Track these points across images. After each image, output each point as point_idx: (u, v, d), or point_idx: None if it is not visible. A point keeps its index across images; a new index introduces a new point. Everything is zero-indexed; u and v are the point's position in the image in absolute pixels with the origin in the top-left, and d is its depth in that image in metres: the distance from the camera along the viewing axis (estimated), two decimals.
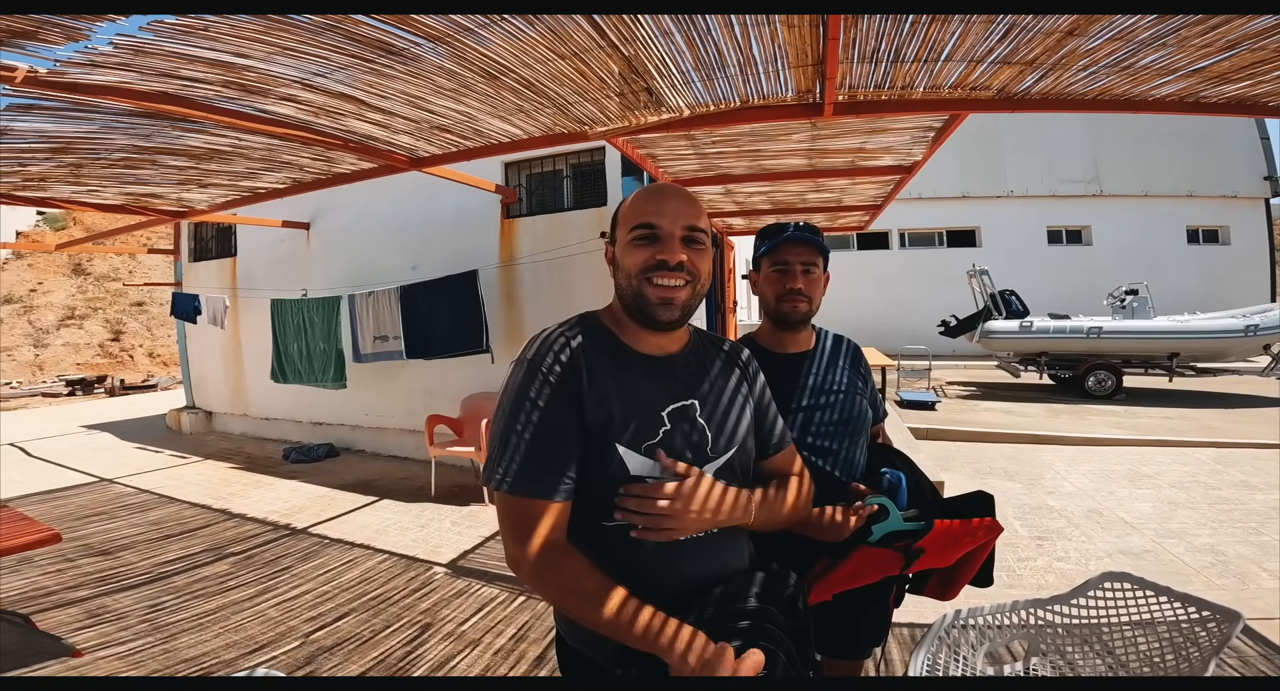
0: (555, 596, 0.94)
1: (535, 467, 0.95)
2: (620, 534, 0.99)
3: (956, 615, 1.65)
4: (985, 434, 6.84)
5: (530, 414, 0.97)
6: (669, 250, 1.00)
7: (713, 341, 1.20)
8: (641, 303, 1.02)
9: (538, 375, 0.98)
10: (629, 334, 1.07)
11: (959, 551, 1.43)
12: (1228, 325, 9.23)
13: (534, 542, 0.92)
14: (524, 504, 0.95)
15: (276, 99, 2.50)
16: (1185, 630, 1.43)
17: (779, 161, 3.80)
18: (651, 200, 1.03)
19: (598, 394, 0.99)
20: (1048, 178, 16.35)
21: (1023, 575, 3.24)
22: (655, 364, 1.06)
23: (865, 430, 1.57)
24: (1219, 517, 4.08)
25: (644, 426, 1.00)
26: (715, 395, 1.09)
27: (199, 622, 2.99)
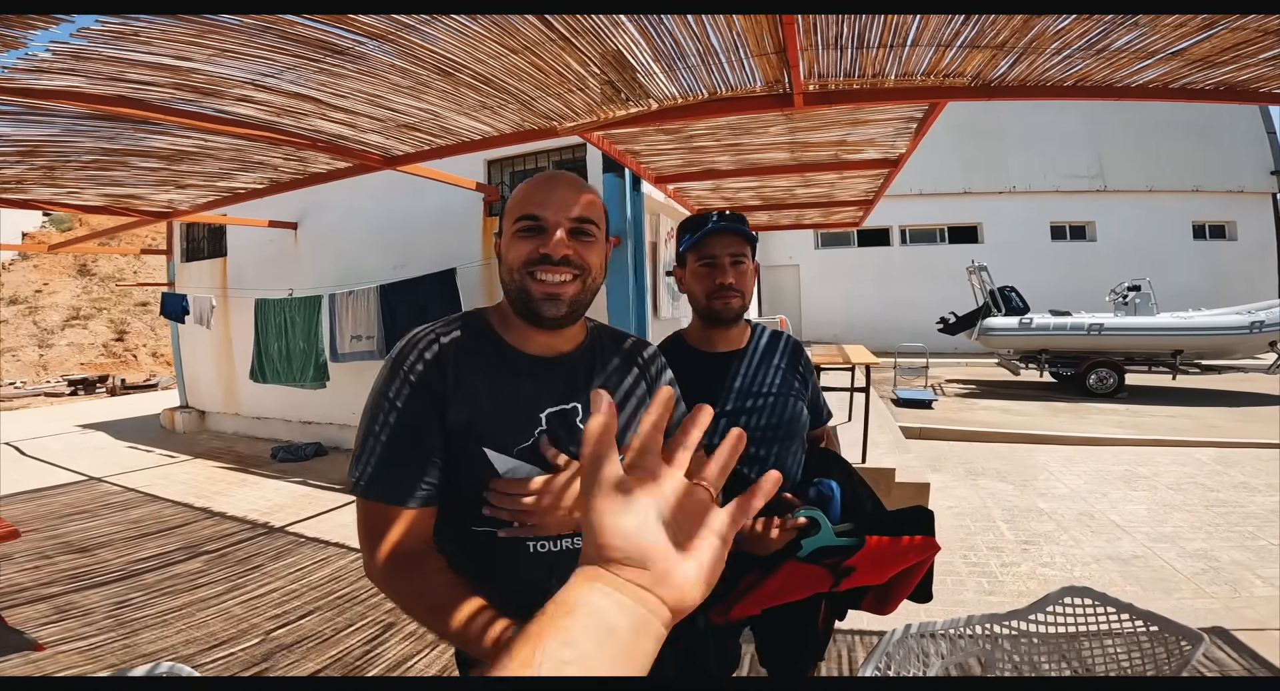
0: (404, 604, 0.88)
1: (390, 471, 0.90)
2: (490, 540, 0.94)
3: (907, 629, 1.56)
4: (980, 433, 6.73)
5: (388, 416, 0.92)
6: (553, 243, 0.93)
7: (615, 339, 1.14)
8: (526, 299, 0.96)
9: (399, 375, 0.94)
10: (514, 332, 1.01)
11: (892, 570, 1.36)
12: (1232, 321, 9.04)
13: (383, 549, 0.88)
14: (377, 509, 0.90)
15: (233, 100, 2.46)
16: (1145, 649, 1.34)
17: (762, 155, 3.76)
18: (538, 190, 0.96)
19: (464, 394, 0.94)
20: (1050, 173, 16.14)
21: (1004, 581, 3.14)
22: (539, 364, 1.00)
23: (800, 434, 1.49)
24: (1215, 521, 3.97)
25: (516, 429, 0.95)
26: None
27: (163, 619, 3.00)
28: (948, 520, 4.08)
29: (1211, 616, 2.77)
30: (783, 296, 17.12)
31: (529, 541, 0.95)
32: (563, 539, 0.96)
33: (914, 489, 4.19)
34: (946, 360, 13.19)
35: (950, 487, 4.79)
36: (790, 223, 6.25)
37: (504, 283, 0.99)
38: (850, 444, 4.93)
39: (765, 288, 16.93)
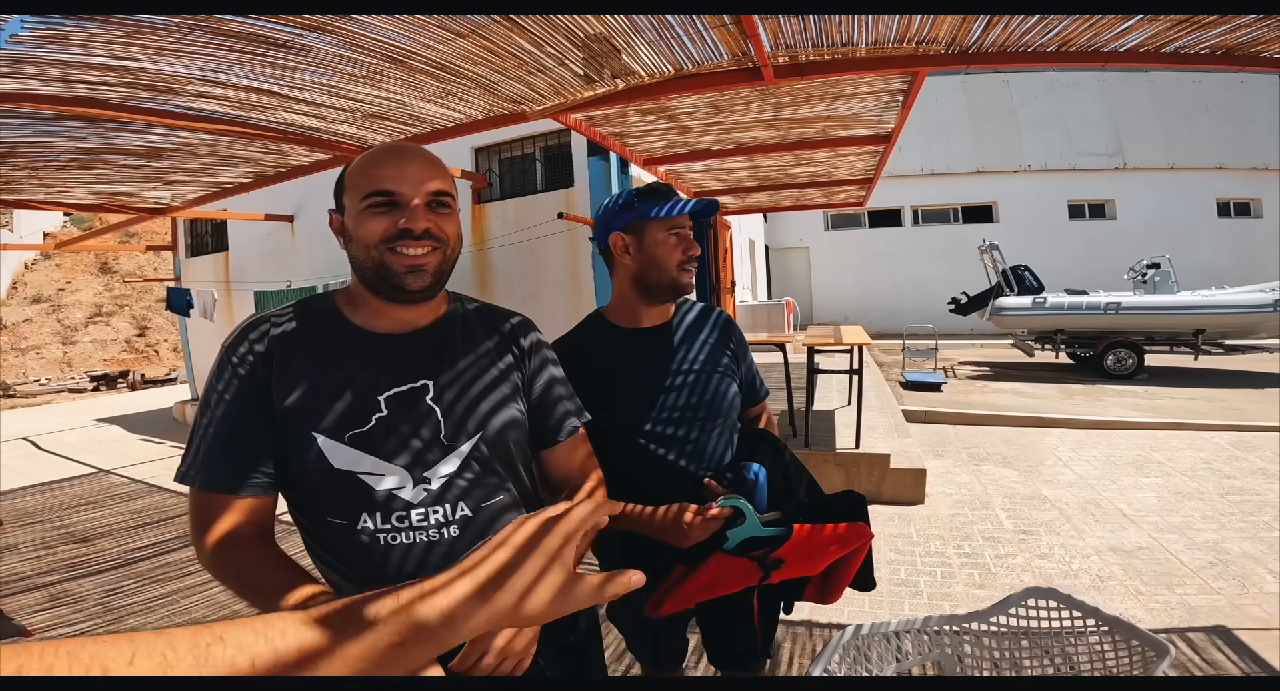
0: (233, 587, 0.86)
1: (216, 462, 0.89)
2: (347, 532, 0.92)
3: (858, 630, 1.47)
4: (987, 416, 6.53)
5: (216, 407, 0.90)
6: (412, 218, 0.90)
7: (485, 316, 1.07)
8: (386, 274, 0.91)
9: (228, 365, 0.92)
10: (364, 311, 0.97)
11: (825, 560, 1.27)
12: (1256, 299, 8.69)
13: (211, 536, 0.87)
14: (205, 499, 0.89)
15: (192, 96, 2.45)
16: (1110, 660, 1.25)
17: (748, 134, 3.71)
18: (386, 164, 0.91)
19: (290, 378, 0.91)
20: (1067, 151, 15.84)
21: (997, 574, 3.01)
22: (386, 343, 0.96)
23: (728, 413, 1.40)
24: (1229, 510, 3.76)
25: (350, 413, 0.91)
26: (463, 377, 0.98)
27: (148, 606, 3.05)
28: (945, 508, 3.96)
29: (1216, 614, 2.62)
30: (792, 279, 17.02)
31: (380, 533, 0.92)
32: (417, 532, 0.92)
33: (910, 475, 4.08)
34: (961, 342, 12.92)
35: (951, 474, 4.65)
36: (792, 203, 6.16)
37: (357, 259, 0.93)
38: (845, 426, 4.83)
39: (775, 270, 16.89)
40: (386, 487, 0.91)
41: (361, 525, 0.91)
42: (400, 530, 0.92)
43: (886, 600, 2.79)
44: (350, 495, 0.91)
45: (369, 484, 0.91)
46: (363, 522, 0.91)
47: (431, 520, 0.93)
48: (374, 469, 0.91)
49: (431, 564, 0.92)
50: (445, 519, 0.93)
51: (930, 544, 3.41)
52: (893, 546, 3.39)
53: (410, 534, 0.92)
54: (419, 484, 0.92)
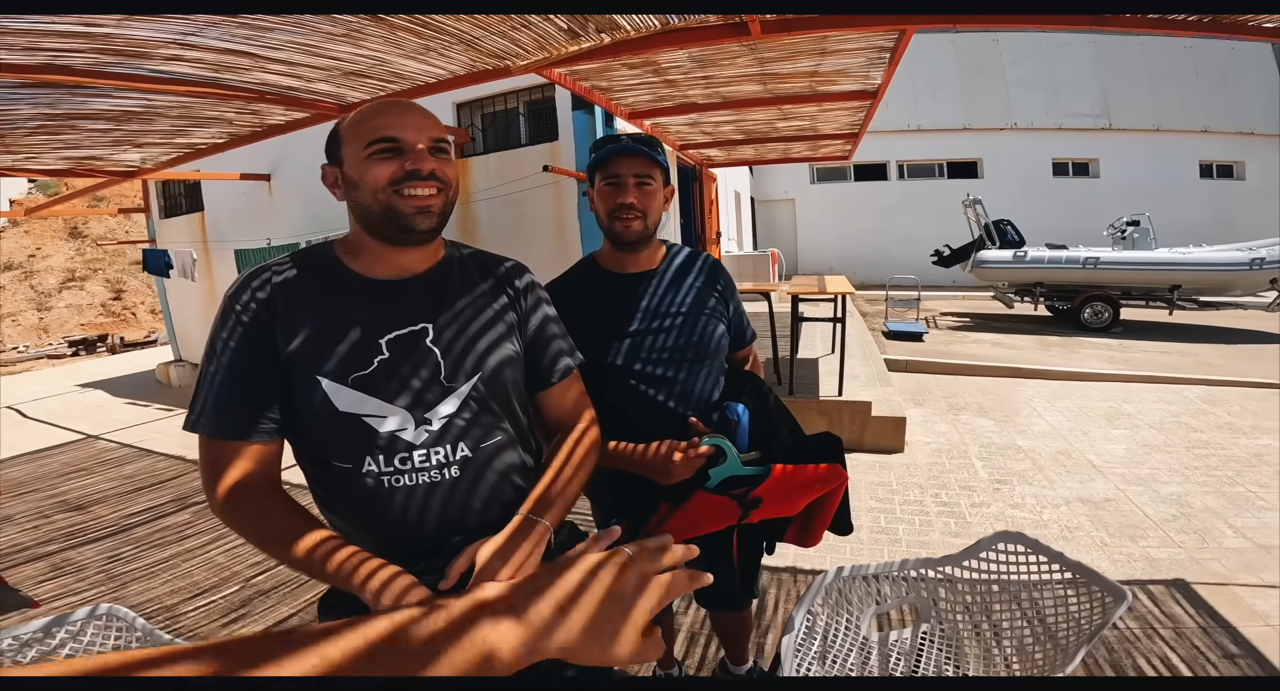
0: (247, 536, 0.91)
1: (224, 409, 0.92)
2: (352, 476, 0.95)
3: (839, 572, 1.56)
4: (966, 366, 6.66)
5: (222, 355, 0.94)
6: (418, 160, 0.94)
7: (480, 261, 1.12)
8: (394, 216, 0.95)
9: (231, 313, 0.95)
10: (365, 258, 1.01)
11: (802, 500, 1.33)
12: (1232, 258, 8.85)
13: (223, 484, 0.90)
14: (215, 446, 0.93)
15: (163, 60, 2.40)
16: (1071, 604, 1.34)
17: (735, 88, 3.68)
18: (388, 114, 0.95)
19: (294, 324, 0.95)
20: (1054, 111, 16.02)
21: (972, 523, 3.14)
22: (385, 288, 1.00)
23: (714, 355, 1.44)
24: (1194, 463, 3.89)
25: (353, 356, 0.94)
26: (460, 318, 1.02)
27: (150, 571, 3.08)
28: (923, 457, 4.08)
29: (1176, 567, 2.71)
30: (777, 230, 17.13)
31: (384, 476, 0.95)
32: (419, 473, 0.96)
33: (891, 423, 4.19)
34: (943, 293, 13.08)
35: (930, 422, 4.78)
36: (777, 157, 6.14)
37: (362, 206, 0.96)
38: (829, 374, 4.93)
39: (760, 222, 16.95)
40: (389, 429, 0.94)
41: (366, 468, 0.95)
42: (403, 472, 0.95)
43: (867, 547, 2.91)
44: (354, 438, 0.94)
45: (372, 426, 0.94)
46: (367, 466, 0.94)
47: (433, 460, 0.96)
48: (377, 411, 0.94)
49: (433, 505, 0.96)
50: (446, 459, 0.97)
51: (909, 492, 3.53)
52: (873, 494, 3.51)
53: (413, 475, 0.96)
54: (420, 425, 0.95)
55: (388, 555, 0.88)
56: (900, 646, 1.58)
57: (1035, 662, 1.35)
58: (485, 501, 1.00)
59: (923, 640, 1.57)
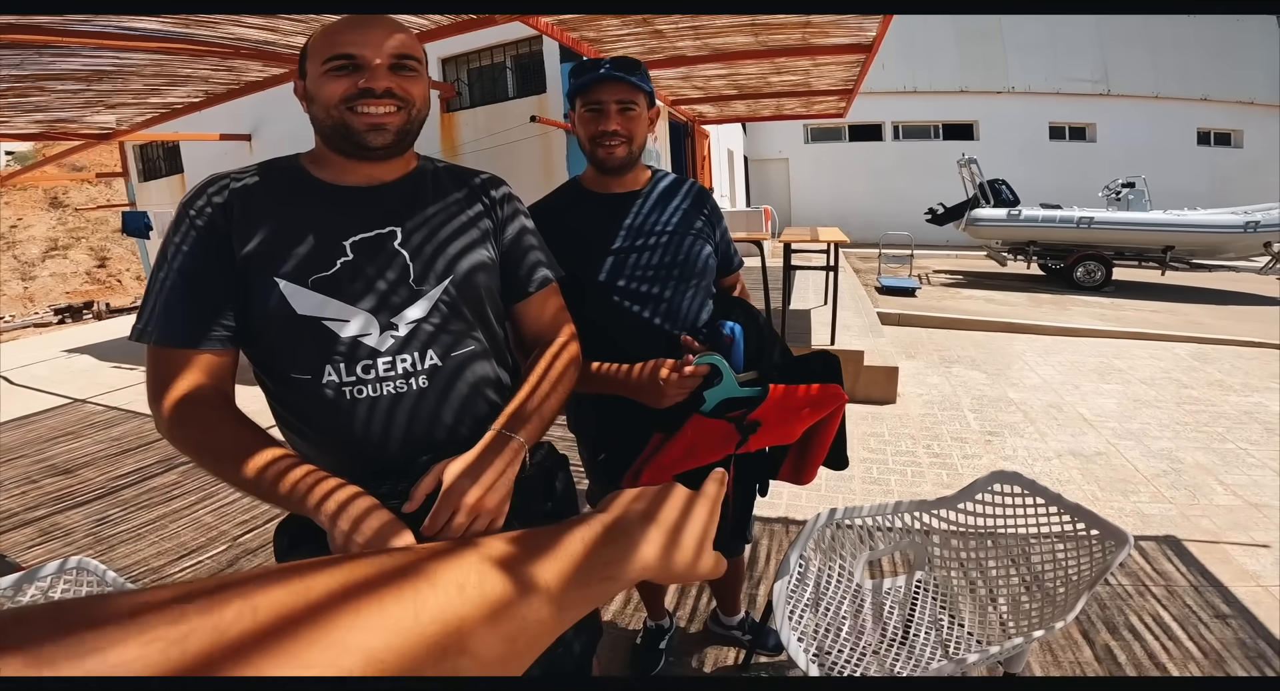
0: (190, 453, 0.85)
1: (174, 315, 0.87)
2: (311, 388, 0.90)
3: (832, 514, 1.54)
4: (958, 321, 6.65)
5: (173, 260, 0.88)
6: (372, 77, 0.90)
7: (454, 172, 1.08)
8: (347, 132, 0.92)
9: (185, 219, 0.90)
10: (330, 168, 0.97)
11: (800, 424, 1.30)
12: (1226, 220, 8.86)
13: (170, 396, 0.84)
14: (164, 354, 0.87)
15: (133, 15, 2.33)
16: (1070, 548, 1.32)
17: (726, 39, 3.57)
18: (349, 29, 0.90)
19: (251, 226, 0.90)
20: (1052, 75, 16.06)
21: (964, 474, 3.14)
22: (352, 194, 0.95)
23: (701, 276, 1.41)
24: (1185, 419, 3.89)
25: (314, 257, 0.90)
26: (431, 223, 0.98)
27: (137, 533, 3.06)
28: (916, 408, 4.08)
29: (1167, 523, 2.69)
30: (771, 189, 17.08)
31: (346, 387, 0.90)
32: (384, 383, 0.91)
33: (883, 373, 4.18)
34: (936, 252, 13.07)
35: (922, 374, 4.77)
36: (771, 113, 6.03)
37: (318, 120, 0.93)
38: (821, 325, 4.92)
39: (754, 180, 16.93)
40: (351, 334, 0.89)
41: (326, 378, 0.90)
42: (366, 382, 0.90)
43: (860, 498, 2.92)
44: (314, 344, 0.89)
45: (333, 330, 0.89)
46: (327, 375, 0.90)
47: (399, 369, 0.91)
48: (339, 314, 0.89)
49: (398, 419, 0.92)
50: (413, 368, 0.92)
51: (901, 443, 3.53)
52: (865, 445, 3.51)
53: (377, 386, 0.91)
54: (386, 330, 0.91)
55: (350, 475, 0.83)
56: (894, 594, 1.58)
57: (1031, 611, 1.34)
58: (456, 415, 0.95)
59: (918, 588, 1.56)
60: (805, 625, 1.47)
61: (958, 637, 1.47)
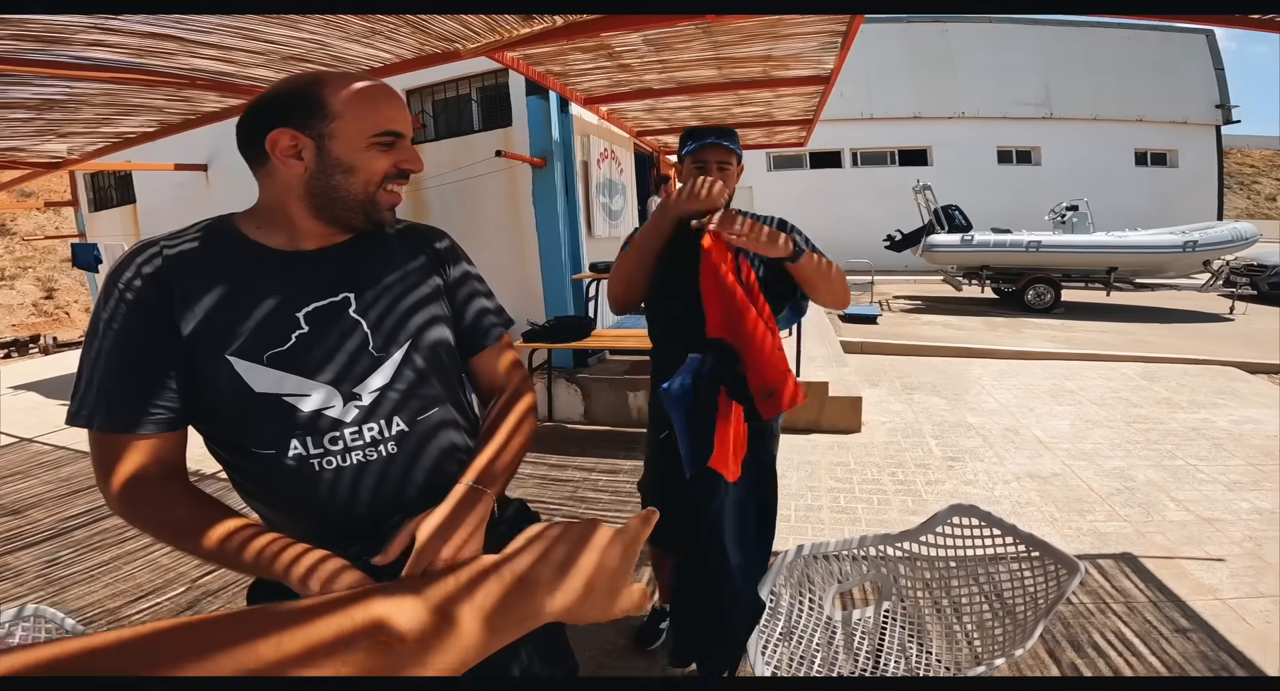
0: (150, 532, 0.83)
1: (113, 398, 0.83)
2: (275, 461, 0.88)
3: (799, 551, 1.58)
4: (918, 347, 6.85)
5: (105, 338, 0.84)
6: (415, 160, 0.93)
7: (396, 229, 1.05)
8: (372, 209, 0.92)
9: (114, 293, 0.85)
10: (282, 233, 0.92)
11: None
12: (1167, 240, 9.30)
13: (115, 479, 0.82)
14: (105, 439, 0.83)
15: (84, 45, 2.27)
16: (1026, 578, 1.37)
17: (691, 72, 3.66)
18: (393, 104, 0.91)
19: (192, 301, 0.85)
20: (1000, 100, 16.62)
21: (928, 500, 3.21)
22: (298, 260, 0.92)
23: None
24: (1135, 437, 4.04)
25: (267, 332, 0.87)
26: (384, 285, 0.97)
27: (90, 574, 2.97)
28: (880, 436, 4.17)
29: (1123, 541, 2.77)
30: None
31: (313, 459, 0.89)
32: (351, 452, 0.90)
33: (848, 403, 4.26)
34: (895, 277, 13.44)
35: (885, 402, 4.88)
36: None
37: (345, 190, 0.90)
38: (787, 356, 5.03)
39: None
40: (313, 407, 0.88)
41: (292, 451, 0.88)
42: (334, 452, 0.89)
43: (828, 527, 2.96)
44: (275, 420, 0.87)
45: (294, 405, 0.87)
46: (293, 449, 0.88)
47: (366, 437, 0.90)
48: (299, 389, 0.87)
49: (367, 484, 0.91)
50: (380, 435, 0.91)
51: (867, 471, 3.60)
52: (832, 474, 3.56)
53: (345, 455, 0.90)
54: (349, 400, 0.90)
55: (319, 538, 0.83)
56: (864, 624, 1.61)
57: (996, 637, 1.38)
58: (427, 476, 0.95)
59: (886, 617, 1.59)
60: (779, 657, 1.49)
61: (926, 663, 1.51)
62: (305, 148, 0.87)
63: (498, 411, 1.04)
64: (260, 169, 0.91)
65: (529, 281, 4.85)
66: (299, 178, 0.88)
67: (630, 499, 3.32)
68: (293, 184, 0.89)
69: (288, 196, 0.90)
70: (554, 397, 4.71)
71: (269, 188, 0.91)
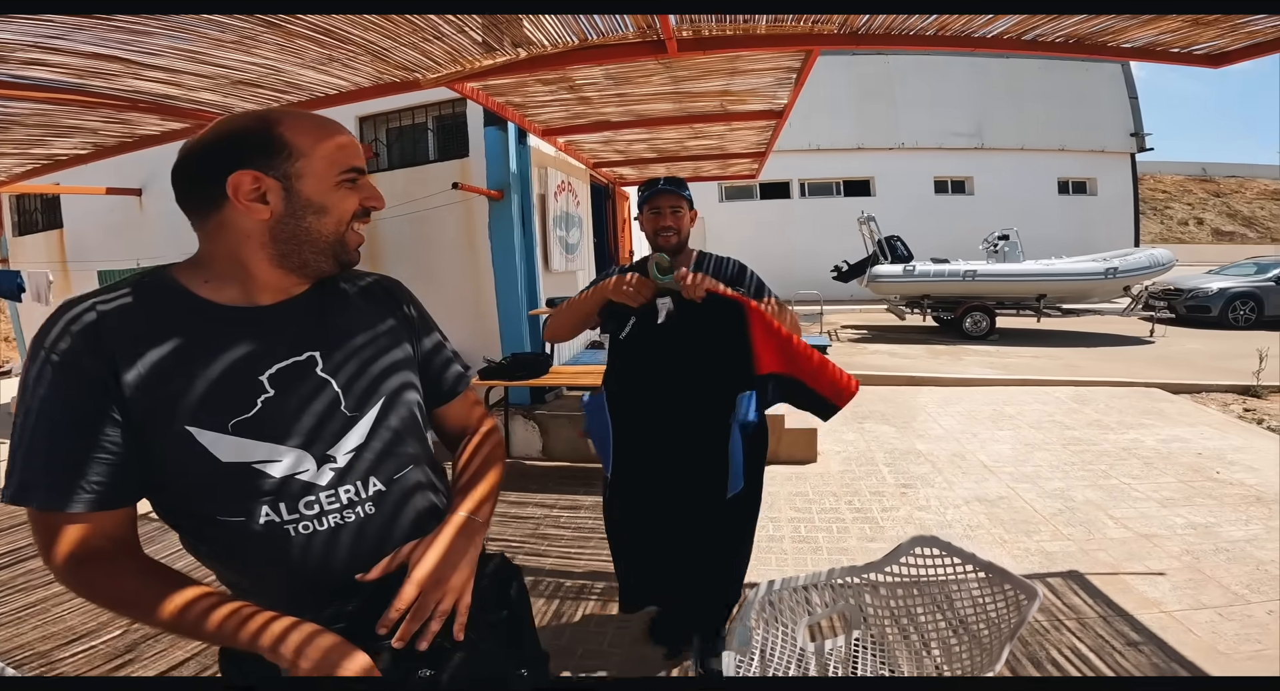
0: (105, 606, 0.79)
1: (49, 475, 0.76)
2: (244, 529, 0.82)
3: (770, 586, 1.58)
4: (868, 377, 6.98)
5: (35, 411, 0.76)
6: (375, 196, 0.92)
7: (351, 279, 1.01)
8: (342, 250, 0.90)
9: (41, 358, 0.77)
10: (234, 286, 0.85)
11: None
12: (1090, 268, 9.89)
13: (57, 557, 0.76)
14: (45, 517, 0.77)
15: (20, 64, 2.18)
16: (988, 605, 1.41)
17: (649, 106, 3.73)
18: (350, 140, 0.90)
19: (139, 368, 0.78)
20: (936, 131, 17.29)
21: (885, 527, 3.27)
22: (255, 317, 0.85)
23: None
24: (1071, 459, 4.21)
25: (229, 399, 0.81)
26: (350, 342, 0.92)
27: (18, 617, 2.78)
28: (835, 465, 4.23)
29: (1068, 559, 2.87)
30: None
31: (287, 524, 0.84)
32: (327, 515, 0.86)
33: (804, 434, 4.32)
34: (843, 307, 13.82)
35: (838, 432, 4.96)
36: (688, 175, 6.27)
37: (316, 232, 0.85)
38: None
39: None
40: (284, 472, 0.83)
41: (262, 519, 0.82)
42: (308, 517, 0.84)
43: (791, 557, 2.97)
44: (242, 489, 0.81)
45: (264, 471, 0.82)
46: (263, 516, 0.82)
47: (343, 499, 0.86)
48: (268, 455, 0.82)
49: (343, 547, 0.86)
50: (358, 496, 0.87)
51: (825, 500, 3.64)
52: (792, 504, 3.59)
53: (320, 519, 0.85)
54: (324, 463, 0.85)
55: (289, 601, 0.79)
56: (836, 654, 1.61)
57: (963, 662, 1.40)
58: (406, 535, 0.91)
59: (856, 646, 1.60)
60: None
61: None
62: (271, 190, 0.82)
63: (475, 447, 1.05)
64: (208, 217, 0.83)
65: (485, 317, 4.75)
66: (262, 224, 0.82)
67: (593, 535, 3.27)
68: (253, 231, 0.82)
69: (245, 245, 0.83)
70: (511, 434, 4.62)
71: (220, 238, 0.83)
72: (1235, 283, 10.96)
